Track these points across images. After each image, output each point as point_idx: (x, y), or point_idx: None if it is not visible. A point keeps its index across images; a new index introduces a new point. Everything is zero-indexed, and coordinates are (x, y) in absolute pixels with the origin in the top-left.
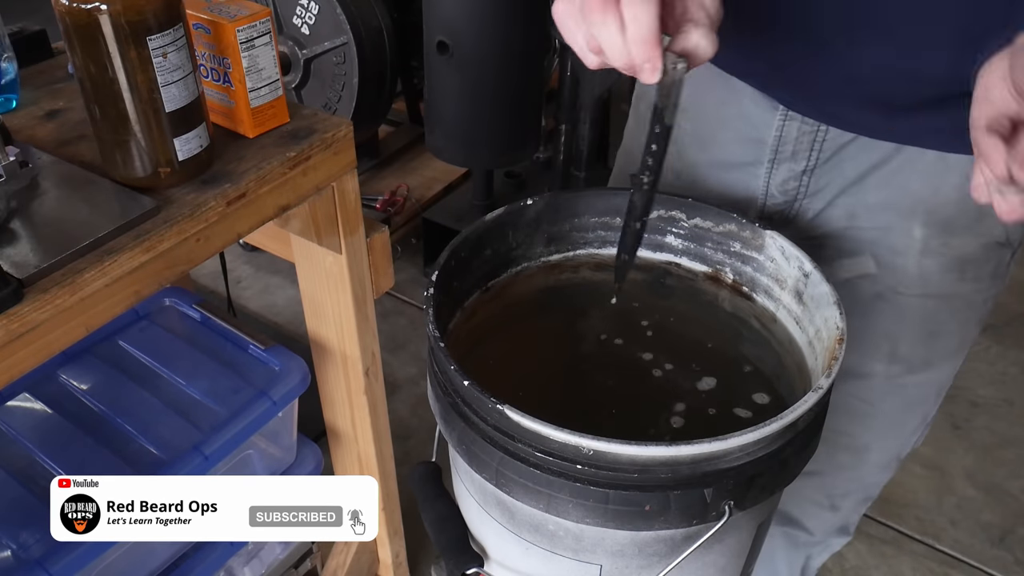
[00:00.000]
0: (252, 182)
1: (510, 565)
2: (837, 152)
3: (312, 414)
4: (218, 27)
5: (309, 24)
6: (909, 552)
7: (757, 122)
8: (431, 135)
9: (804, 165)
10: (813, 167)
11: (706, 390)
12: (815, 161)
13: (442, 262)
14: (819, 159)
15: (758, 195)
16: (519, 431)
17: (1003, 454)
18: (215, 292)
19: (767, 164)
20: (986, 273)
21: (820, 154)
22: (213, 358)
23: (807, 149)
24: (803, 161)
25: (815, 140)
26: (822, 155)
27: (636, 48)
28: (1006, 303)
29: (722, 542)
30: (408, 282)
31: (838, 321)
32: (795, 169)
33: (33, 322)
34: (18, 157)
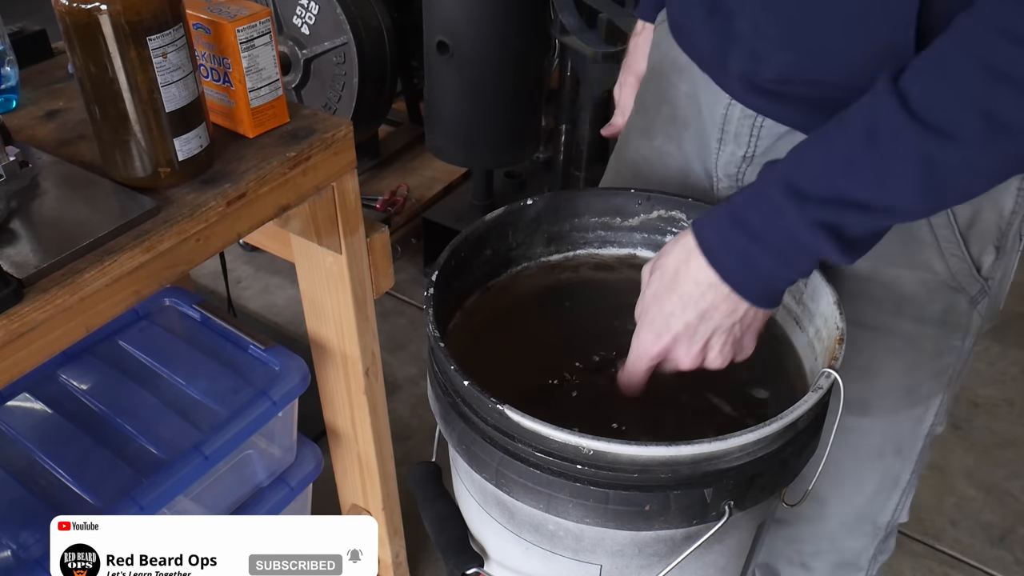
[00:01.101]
0: (252, 182)
1: (510, 565)
2: (775, 143)
3: (312, 414)
4: (218, 27)
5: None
6: (909, 552)
7: (709, 100)
8: (431, 135)
9: (744, 151)
10: (752, 155)
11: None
12: (754, 149)
13: (442, 262)
14: (757, 148)
15: (712, 173)
16: (519, 431)
17: (1003, 454)
18: (215, 292)
19: (716, 143)
20: (932, 317)
21: (759, 141)
22: (213, 358)
23: (747, 135)
24: (744, 146)
25: (754, 126)
26: (760, 143)
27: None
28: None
29: (722, 542)
30: (408, 282)
31: (838, 321)
32: (737, 153)
33: (33, 322)
34: (18, 157)
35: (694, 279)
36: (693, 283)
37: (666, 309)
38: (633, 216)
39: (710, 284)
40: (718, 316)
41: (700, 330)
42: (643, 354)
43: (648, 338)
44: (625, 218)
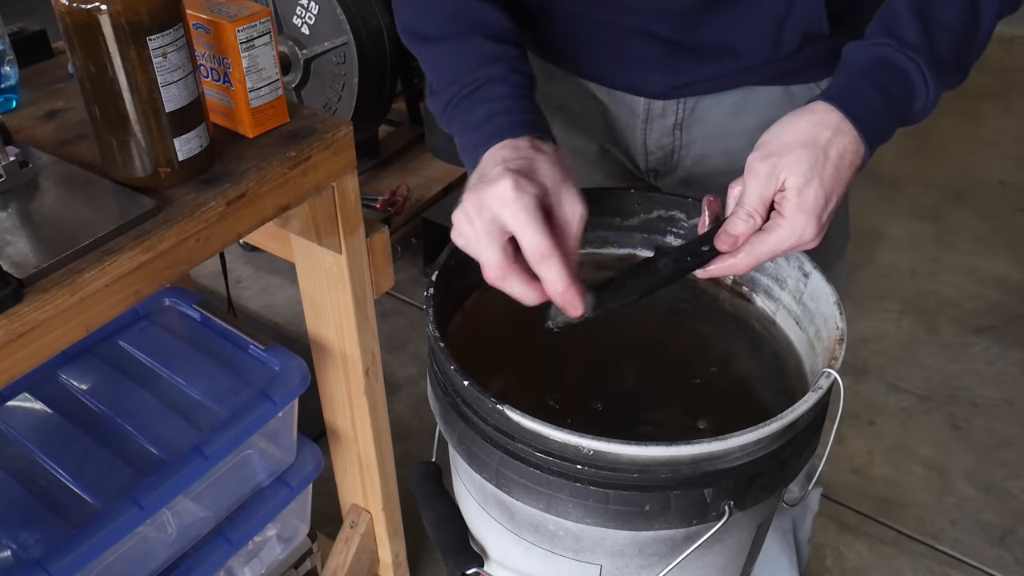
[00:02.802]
0: (252, 182)
1: (510, 565)
2: (699, 102)
3: (312, 414)
4: (218, 27)
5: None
6: (909, 552)
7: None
8: (431, 135)
9: (673, 120)
10: (682, 120)
11: (706, 390)
12: (683, 114)
13: (442, 262)
14: (686, 112)
15: (639, 156)
16: (519, 431)
17: (1003, 454)
18: (215, 292)
19: (641, 125)
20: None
21: (685, 105)
22: (213, 358)
23: (673, 104)
24: (672, 116)
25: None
26: (687, 106)
27: (559, 301)
28: (1006, 303)
29: (722, 542)
30: (408, 282)
31: (838, 321)
32: (666, 124)
33: (33, 322)
34: (18, 157)
35: (852, 151)
36: (850, 155)
37: (827, 187)
38: (633, 216)
39: (856, 151)
40: (848, 186)
41: (838, 205)
42: (798, 241)
43: (811, 224)
44: (625, 218)
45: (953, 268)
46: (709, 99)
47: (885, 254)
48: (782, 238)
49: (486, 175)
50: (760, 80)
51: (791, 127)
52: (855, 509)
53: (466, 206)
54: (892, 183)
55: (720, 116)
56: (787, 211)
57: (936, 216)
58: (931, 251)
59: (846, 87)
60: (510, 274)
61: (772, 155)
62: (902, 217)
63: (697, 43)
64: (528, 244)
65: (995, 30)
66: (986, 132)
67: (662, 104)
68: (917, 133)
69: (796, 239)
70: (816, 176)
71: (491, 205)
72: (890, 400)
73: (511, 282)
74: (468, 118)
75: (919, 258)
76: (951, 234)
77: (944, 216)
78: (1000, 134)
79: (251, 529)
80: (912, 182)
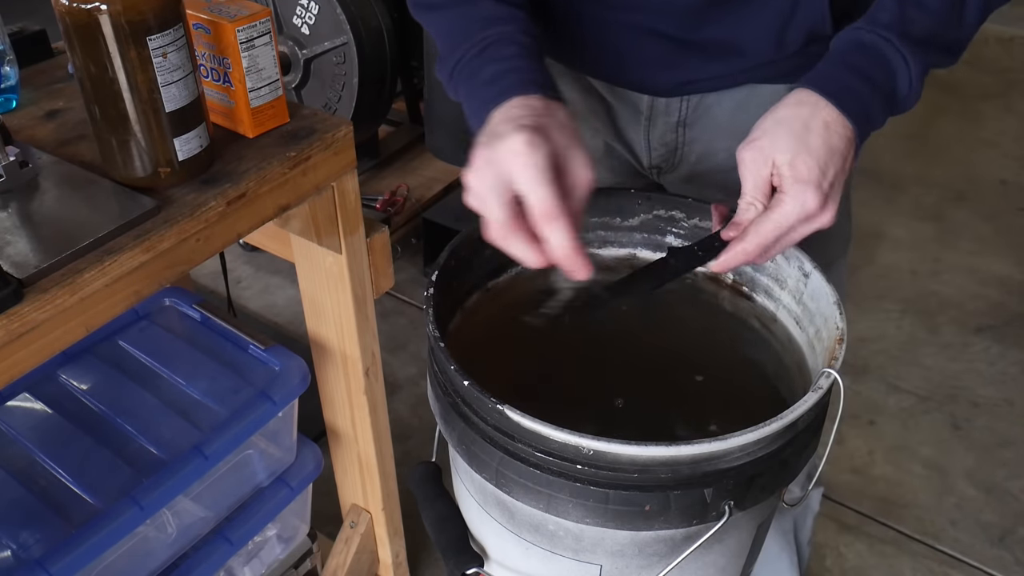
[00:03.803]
0: (252, 182)
1: (510, 565)
2: (702, 100)
3: (312, 414)
4: (218, 27)
5: (309, 24)
6: (909, 552)
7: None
8: (431, 135)
9: (677, 117)
10: (685, 117)
11: (707, 389)
12: (686, 112)
13: (442, 262)
14: (689, 109)
15: (642, 153)
16: (519, 431)
17: (1003, 454)
18: (215, 292)
19: (644, 122)
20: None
21: (689, 103)
22: (213, 358)
23: (677, 102)
24: (675, 113)
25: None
26: (690, 104)
27: (564, 263)
28: (1006, 303)
29: (722, 542)
30: (408, 282)
31: (838, 321)
32: (670, 121)
33: (33, 322)
34: (18, 157)
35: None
36: (836, 126)
37: (816, 155)
38: (633, 216)
39: (841, 123)
40: (847, 163)
41: (841, 180)
42: (802, 211)
43: (810, 192)
44: (625, 218)
45: (954, 268)
46: (713, 97)
47: (886, 254)
48: (785, 212)
49: (496, 132)
50: (764, 78)
51: (771, 114)
52: (855, 509)
53: (476, 162)
54: (893, 183)
55: (723, 114)
56: (784, 186)
57: (937, 216)
58: (932, 251)
59: (820, 71)
60: (513, 233)
61: (755, 141)
62: (903, 217)
63: (702, 41)
64: (535, 203)
65: (996, 31)
66: (987, 132)
67: (666, 101)
68: (918, 133)
69: (799, 210)
70: (803, 147)
71: (501, 160)
72: (890, 400)
73: (513, 242)
74: (476, 77)
75: (920, 258)
76: (952, 234)
77: (945, 216)
78: (1001, 134)
79: (251, 529)
80: (913, 182)
